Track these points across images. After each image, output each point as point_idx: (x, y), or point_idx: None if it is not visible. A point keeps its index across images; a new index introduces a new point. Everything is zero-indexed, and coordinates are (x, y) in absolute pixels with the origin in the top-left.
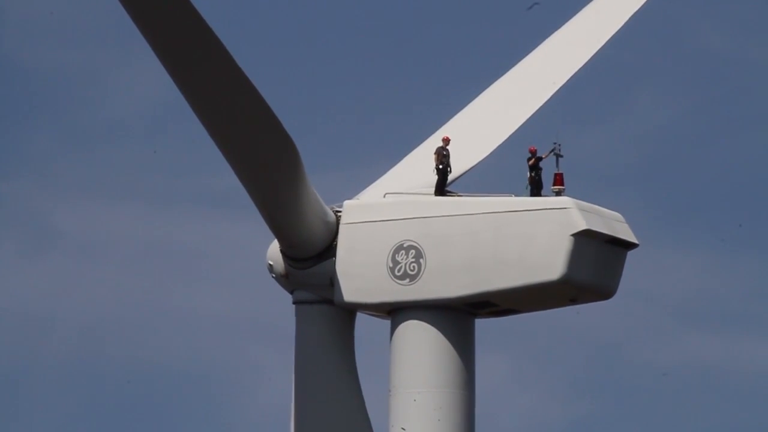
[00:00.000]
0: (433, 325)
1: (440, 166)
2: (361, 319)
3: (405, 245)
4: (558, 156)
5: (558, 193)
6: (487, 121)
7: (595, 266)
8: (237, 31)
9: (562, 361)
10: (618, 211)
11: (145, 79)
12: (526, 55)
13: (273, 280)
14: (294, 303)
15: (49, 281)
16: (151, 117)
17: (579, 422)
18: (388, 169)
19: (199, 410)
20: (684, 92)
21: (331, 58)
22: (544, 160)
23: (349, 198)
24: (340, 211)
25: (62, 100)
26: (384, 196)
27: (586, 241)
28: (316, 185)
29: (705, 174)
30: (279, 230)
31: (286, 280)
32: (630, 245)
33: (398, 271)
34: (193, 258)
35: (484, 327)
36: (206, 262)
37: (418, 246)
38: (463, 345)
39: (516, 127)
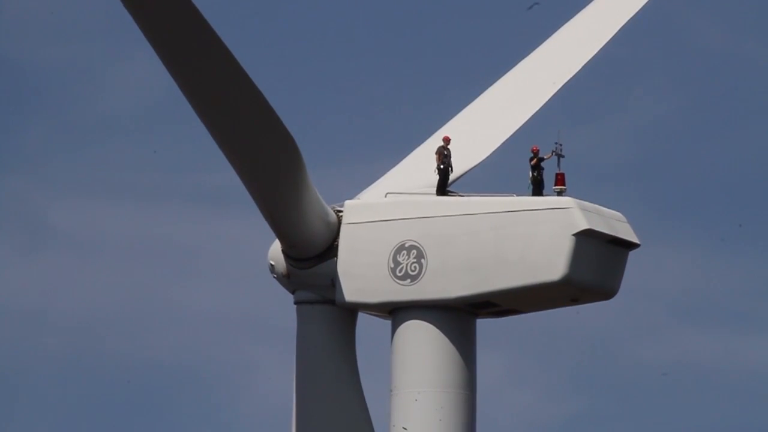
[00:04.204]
0: (434, 325)
1: (441, 166)
2: (363, 319)
3: (406, 245)
4: (559, 156)
5: (559, 193)
6: (488, 121)
7: (597, 266)
8: (238, 30)
9: (559, 359)
10: (614, 209)
11: (141, 75)
12: (527, 55)
13: (272, 278)
14: (295, 303)
15: (45, 279)
16: (147, 113)
17: (577, 420)
18: (390, 168)
19: (199, 409)
20: (680, 89)
21: (331, 57)
22: (546, 160)
23: (350, 198)
24: (341, 211)
25: (57, 97)
26: (385, 196)
27: (587, 241)
28: (317, 185)
29: (702, 171)
30: (280, 230)
31: (287, 280)
32: (631, 245)
33: (399, 271)
34: (191, 255)
35: (481, 325)
36: (204, 259)
37: (419, 246)
38: (464, 345)
39: (517, 126)
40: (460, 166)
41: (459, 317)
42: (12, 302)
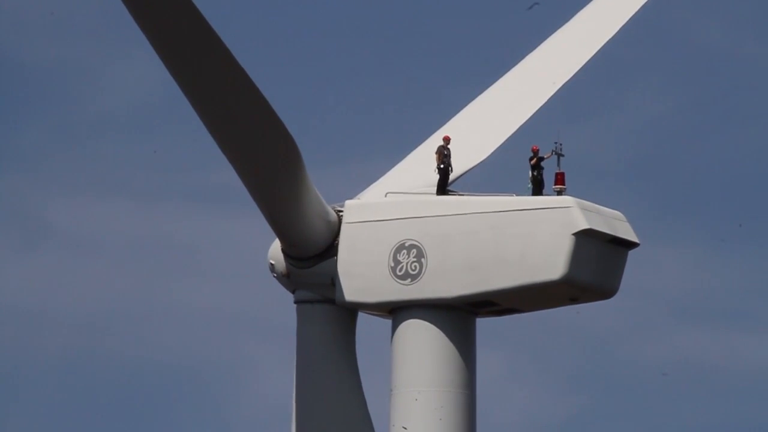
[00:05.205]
0: (434, 324)
1: (441, 166)
2: (363, 319)
3: (406, 244)
4: (559, 155)
5: (559, 193)
6: (488, 121)
7: (596, 266)
8: (238, 30)
9: (559, 359)
10: (614, 208)
11: (140, 73)
12: (527, 54)
13: (272, 278)
14: (295, 302)
15: (43, 277)
16: (146, 112)
17: (576, 420)
18: (390, 168)
19: (199, 409)
20: (679, 88)
21: (331, 57)
22: (546, 160)
23: (351, 197)
24: (341, 211)
25: (56, 95)
26: (385, 196)
27: (587, 240)
28: (317, 184)
29: (702, 170)
30: (280, 229)
31: (287, 279)
32: (631, 245)
33: (399, 270)
34: (190, 255)
35: (481, 324)
36: (203, 258)
37: (419, 245)
38: (464, 344)
39: (517, 126)
40: (460, 165)
41: (459, 316)
42: (10, 301)
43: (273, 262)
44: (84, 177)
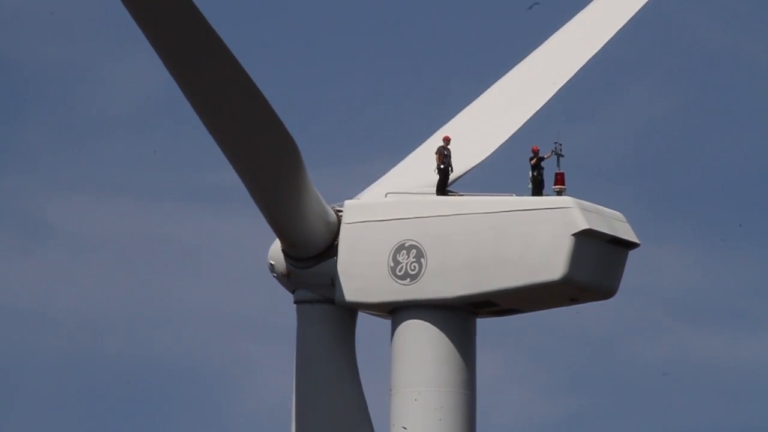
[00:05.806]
0: (434, 324)
1: (441, 166)
2: (362, 319)
3: (406, 245)
4: (559, 155)
5: (559, 193)
6: (488, 121)
7: (596, 266)
8: (238, 30)
9: (559, 359)
10: (614, 208)
11: (140, 73)
12: (527, 55)
13: (272, 278)
14: (295, 303)
15: (43, 277)
16: (146, 112)
17: (576, 420)
18: (390, 168)
19: (198, 409)
20: (679, 87)
21: (331, 57)
22: (546, 160)
23: (350, 198)
24: (341, 211)
25: (55, 95)
26: (385, 196)
27: (587, 240)
28: (317, 185)
29: (702, 170)
30: (280, 230)
31: (287, 279)
32: (631, 245)
33: (399, 270)
34: (190, 255)
35: (480, 324)
36: (203, 258)
37: (419, 245)
38: (464, 344)
39: (517, 126)
40: (460, 166)
41: (459, 317)
42: (10, 300)
43: (273, 262)
44: (84, 177)
